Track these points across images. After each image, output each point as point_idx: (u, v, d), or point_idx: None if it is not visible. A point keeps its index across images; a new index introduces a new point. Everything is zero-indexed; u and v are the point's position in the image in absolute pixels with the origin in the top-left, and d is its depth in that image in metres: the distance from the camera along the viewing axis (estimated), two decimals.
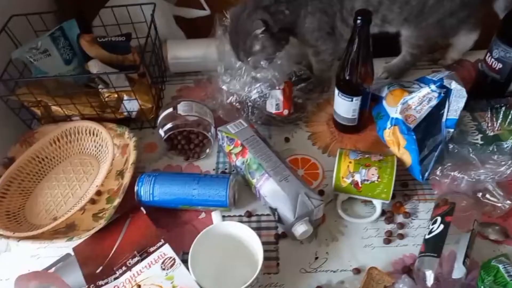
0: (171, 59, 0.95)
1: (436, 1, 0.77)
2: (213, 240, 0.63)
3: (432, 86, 0.70)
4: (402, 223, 0.71)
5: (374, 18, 0.81)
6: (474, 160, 0.65)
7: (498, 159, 0.65)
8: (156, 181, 0.72)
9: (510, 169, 0.64)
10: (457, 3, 0.77)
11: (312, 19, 0.80)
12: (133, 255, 0.63)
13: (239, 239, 0.64)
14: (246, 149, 0.73)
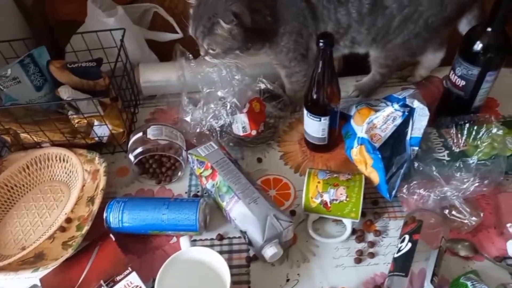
0: (144, 82, 0.95)
1: (400, 23, 0.79)
2: (180, 266, 0.62)
3: (395, 106, 0.71)
4: (372, 242, 0.71)
5: (345, 40, 0.83)
6: (438, 178, 0.66)
7: (461, 176, 0.66)
8: (125, 207, 0.72)
9: (474, 186, 0.65)
10: (420, 25, 0.79)
11: (288, 39, 0.81)
12: (99, 285, 0.61)
13: (207, 264, 0.63)
14: (216, 172, 0.73)
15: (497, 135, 0.70)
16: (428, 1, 0.76)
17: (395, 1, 0.76)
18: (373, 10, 0.77)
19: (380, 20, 0.78)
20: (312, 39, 0.82)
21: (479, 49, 0.71)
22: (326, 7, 0.78)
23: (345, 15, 0.78)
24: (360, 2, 0.76)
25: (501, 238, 0.69)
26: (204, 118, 0.80)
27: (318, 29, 0.81)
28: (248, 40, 0.77)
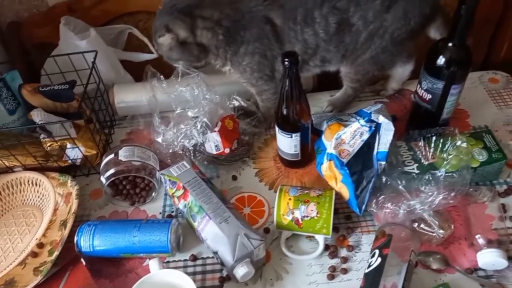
0: (118, 103, 0.95)
1: (367, 39, 0.80)
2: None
3: (361, 121, 0.72)
4: (345, 257, 0.71)
5: (314, 59, 0.84)
6: (404, 192, 0.67)
7: (426, 190, 0.66)
8: (96, 230, 0.71)
9: (439, 199, 0.65)
10: (387, 40, 0.80)
11: (250, 59, 0.82)
12: None
13: (176, 286, 0.63)
14: (188, 192, 0.73)
15: (462, 147, 0.71)
16: (392, 16, 0.78)
17: (360, 18, 0.78)
18: (340, 28, 0.79)
19: (347, 37, 0.80)
20: (277, 60, 0.83)
21: (442, 64, 0.72)
22: (293, 28, 0.79)
23: (313, 35, 0.80)
24: (327, 22, 0.78)
25: (472, 250, 0.69)
26: (176, 139, 0.80)
27: (284, 50, 0.82)
28: (193, 55, 0.80)
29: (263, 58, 0.82)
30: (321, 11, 0.78)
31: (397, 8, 0.78)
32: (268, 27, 0.79)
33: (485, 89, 0.98)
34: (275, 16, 0.79)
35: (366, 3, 0.77)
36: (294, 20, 0.79)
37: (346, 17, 0.78)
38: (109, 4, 1.02)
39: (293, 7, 0.79)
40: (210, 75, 0.93)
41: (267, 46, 0.81)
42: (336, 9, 0.77)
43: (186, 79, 0.86)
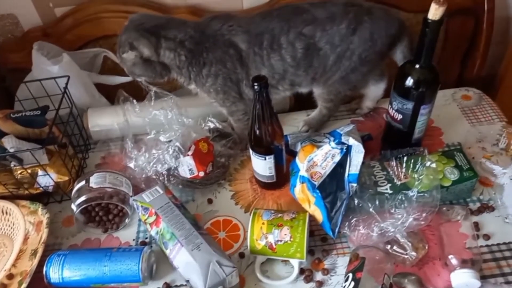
0: (92, 127, 0.95)
1: (335, 61, 0.81)
2: None
3: (332, 144, 0.73)
4: (321, 281, 0.70)
5: (283, 83, 0.85)
6: (375, 215, 0.66)
7: (397, 212, 0.66)
8: (65, 260, 0.70)
9: (409, 220, 0.65)
10: (355, 61, 0.82)
11: (213, 81, 0.83)
12: None
13: None
14: (160, 218, 0.72)
15: (431, 168, 0.72)
16: (358, 38, 0.79)
17: (327, 42, 0.79)
18: (307, 53, 0.80)
19: (315, 61, 0.81)
20: (243, 84, 0.84)
21: (411, 85, 0.73)
22: (258, 53, 0.80)
23: (279, 61, 0.80)
24: (294, 47, 0.79)
25: (446, 270, 0.69)
26: (148, 164, 0.79)
27: (250, 74, 0.83)
28: (155, 72, 0.81)
29: (227, 81, 0.83)
30: (287, 37, 0.79)
31: (363, 30, 0.79)
32: (232, 51, 0.80)
33: (458, 106, 0.99)
34: (240, 40, 0.80)
35: (331, 27, 0.79)
36: (260, 45, 0.80)
37: (313, 42, 0.79)
38: (84, 28, 1.02)
39: (259, 33, 0.80)
40: (184, 97, 0.94)
41: (231, 69, 0.82)
42: (302, 35, 0.79)
43: (159, 102, 0.85)
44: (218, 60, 0.80)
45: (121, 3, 1.03)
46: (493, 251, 0.72)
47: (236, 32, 0.80)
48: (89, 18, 1.02)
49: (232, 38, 0.80)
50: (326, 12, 0.80)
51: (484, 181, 0.82)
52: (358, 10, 0.80)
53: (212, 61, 0.80)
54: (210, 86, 0.83)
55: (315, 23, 0.79)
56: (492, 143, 0.88)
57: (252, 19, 0.82)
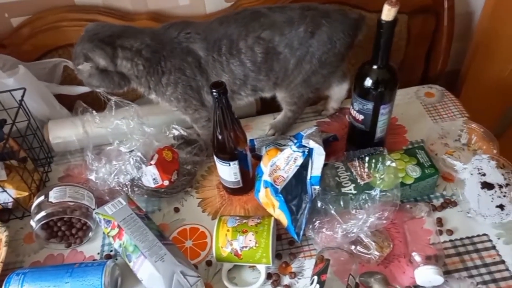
0: (53, 139, 0.92)
1: (296, 65, 0.82)
2: None
3: (293, 147, 0.73)
4: (288, 285, 0.70)
5: (245, 89, 0.85)
6: (337, 216, 0.67)
7: (357, 212, 0.67)
8: (25, 279, 0.67)
9: (371, 220, 0.66)
10: (315, 64, 0.82)
11: (173, 89, 0.82)
12: None
13: None
14: (123, 231, 0.71)
15: (392, 166, 0.72)
16: (317, 42, 0.80)
17: (286, 46, 0.79)
18: (267, 58, 0.79)
19: (276, 65, 0.81)
20: (204, 91, 0.83)
21: (370, 85, 0.74)
22: (217, 60, 0.80)
23: (239, 66, 0.80)
24: (253, 52, 0.79)
25: (411, 267, 0.69)
26: (109, 176, 0.77)
27: (210, 81, 0.82)
28: (114, 82, 0.80)
29: (187, 89, 0.82)
30: (246, 42, 0.79)
31: (321, 33, 0.80)
32: (190, 59, 0.79)
33: (421, 104, 1.01)
34: (198, 48, 0.79)
35: (290, 31, 0.79)
36: (219, 51, 0.79)
37: (272, 46, 0.79)
38: (41, 38, 0.99)
39: (216, 39, 0.79)
40: (146, 106, 0.93)
41: (191, 77, 0.81)
42: (261, 39, 0.78)
43: (121, 112, 0.84)
44: (177, 68, 0.79)
45: (81, 11, 1.00)
46: (457, 246, 0.73)
47: (194, 40, 0.79)
48: (47, 28, 0.99)
49: (190, 46, 0.79)
50: (284, 16, 0.80)
51: (446, 176, 0.83)
52: (315, 13, 0.81)
53: (171, 70, 0.79)
54: (171, 95, 0.82)
55: (274, 27, 0.79)
56: (454, 139, 0.90)
57: (210, 25, 0.81)
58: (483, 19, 1.13)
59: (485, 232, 0.74)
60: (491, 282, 0.68)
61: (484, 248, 0.72)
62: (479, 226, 0.75)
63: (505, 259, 0.70)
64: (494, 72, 1.19)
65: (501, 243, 0.72)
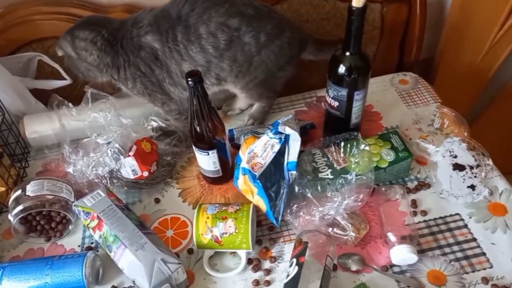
0: (30, 134, 0.91)
1: (260, 62, 0.83)
2: None
3: (269, 134, 0.74)
4: (268, 269, 0.71)
5: (209, 77, 0.84)
6: (313, 200, 0.68)
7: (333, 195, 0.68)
8: (4, 273, 0.67)
9: (346, 202, 0.68)
10: (276, 66, 0.85)
11: (133, 84, 0.83)
12: None
13: None
14: (102, 221, 0.71)
15: (366, 150, 0.74)
16: (280, 43, 0.83)
17: (253, 39, 0.80)
18: (231, 46, 0.80)
19: (240, 56, 0.81)
20: (167, 83, 0.83)
21: (343, 72, 0.75)
22: (174, 48, 0.79)
23: (200, 52, 0.80)
24: (216, 38, 0.79)
25: (387, 248, 0.72)
26: (87, 168, 0.77)
27: (171, 71, 0.82)
28: (86, 70, 0.84)
29: (148, 84, 0.83)
30: (208, 28, 0.78)
31: (283, 38, 0.82)
32: (144, 54, 0.80)
33: (396, 91, 1.04)
34: (151, 40, 0.79)
35: (258, 25, 0.80)
36: (174, 39, 0.79)
37: (237, 36, 0.79)
38: (14, 32, 0.98)
39: (169, 27, 0.79)
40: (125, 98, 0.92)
41: (147, 72, 0.82)
42: (226, 26, 0.78)
43: (98, 105, 0.84)
44: (131, 64, 0.80)
45: (55, 4, 0.99)
46: (430, 226, 0.76)
47: (146, 32, 0.79)
48: (20, 21, 0.97)
49: (142, 40, 0.79)
50: (253, 10, 0.80)
51: (420, 160, 0.86)
52: (281, 18, 0.84)
53: (125, 65, 0.80)
54: (133, 89, 0.83)
55: (242, 16, 0.79)
56: (427, 124, 0.92)
57: (162, 12, 0.80)
58: (454, 8, 1.16)
59: (457, 212, 0.77)
60: (463, 259, 0.70)
61: (456, 227, 0.75)
62: (451, 206, 0.78)
63: (477, 236, 0.73)
64: (466, 59, 1.22)
65: (473, 221, 0.75)
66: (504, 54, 1.18)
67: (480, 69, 1.22)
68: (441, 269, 0.69)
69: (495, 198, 0.78)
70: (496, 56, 1.19)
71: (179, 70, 0.81)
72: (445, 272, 0.69)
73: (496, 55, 1.18)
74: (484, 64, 1.21)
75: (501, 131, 1.34)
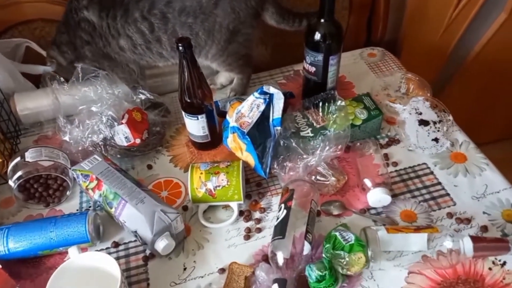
0: (21, 111, 0.94)
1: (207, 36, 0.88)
2: (71, 274, 0.63)
3: (255, 94, 0.80)
4: (259, 219, 0.78)
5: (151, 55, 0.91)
6: (298, 149, 0.75)
7: (315, 144, 0.76)
8: (9, 233, 0.70)
9: (327, 152, 0.75)
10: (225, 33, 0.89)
11: (84, 54, 0.91)
12: None
13: (98, 267, 0.65)
14: (102, 182, 0.75)
15: (342, 106, 0.82)
16: (222, 11, 0.86)
17: (189, 16, 0.85)
18: (167, 28, 0.86)
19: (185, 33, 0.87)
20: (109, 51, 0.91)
21: (319, 38, 0.83)
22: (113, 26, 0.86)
23: (137, 33, 0.87)
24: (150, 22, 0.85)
25: (363, 194, 0.79)
26: (83, 135, 0.81)
27: (110, 42, 0.89)
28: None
29: (94, 51, 0.91)
30: (142, 12, 0.84)
31: (223, 4, 0.86)
32: (84, 24, 0.87)
33: (365, 63, 1.13)
34: (90, 14, 0.86)
35: (192, 1, 0.84)
36: (114, 18, 0.86)
37: (168, 17, 0.85)
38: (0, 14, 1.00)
39: (111, 6, 0.85)
40: None
41: (90, 39, 0.89)
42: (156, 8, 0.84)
43: (88, 80, 0.88)
44: (77, 36, 0.89)
45: None
46: (401, 174, 0.84)
47: (85, 6, 0.85)
48: (6, 4, 1.00)
49: (81, 14, 0.86)
50: None
51: (389, 120, 0.94)
52: None
53: (73, 39, 0.89)
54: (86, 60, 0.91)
55: None
56: (395, 90, 1.02)
57: None
58: None
59: (424, 162, 0.86)
60: (430, 199, 0.79)
61: (423, 174, 0.84)
62: (419, 157, 0.87)
63: (441, 181, 0.82)
64: (427, 38, 1.33)
65: (438, 169, 0.84)
66: (460, 32, 1.29)
67: (440, 45, 1.33)
68: (411, 208, 0.78)
69: (456, 148, 0.88)
70: (453, 34, 1.30)
71: (118, 45, 0.89)
72: (415, 211, 0.77)
73: (453, 32, 1.30)
74: (443, 41, 1.32)
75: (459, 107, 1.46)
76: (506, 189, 0.79)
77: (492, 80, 1.38)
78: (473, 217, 0.75)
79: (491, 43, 1.27)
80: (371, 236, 0.68)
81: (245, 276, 0.68)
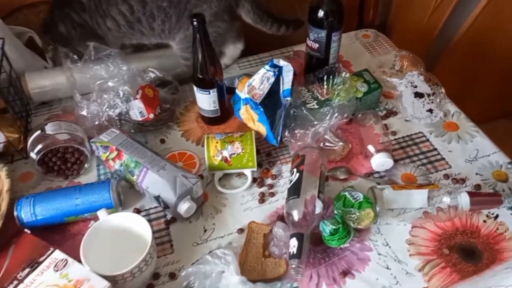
0: (32, 89, 0.96)
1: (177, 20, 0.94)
2: (102, 234, 0.67)
3: (266, 67, 0.85)
4: (271, 184, 0.83)
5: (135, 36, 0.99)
6: (309, 117, 0.81)
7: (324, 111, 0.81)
8: (35, 201, 0.73)
9: (334, 120, 0.81)
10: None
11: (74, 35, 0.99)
12: (22, 268, 0.63)
13: (127, 227, 0.69)
14: (122, 152, 0.79)
15: (346, 78, 0.88)
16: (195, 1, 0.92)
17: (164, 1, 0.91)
18: (145, 11, 0.92)
19: (157, 17, 0.93)
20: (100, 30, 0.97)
21: (322, 16, 0.88)
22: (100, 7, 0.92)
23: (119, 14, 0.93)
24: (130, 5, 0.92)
25: (367, 160, 0.85)
26: (100, 110, 0.84)
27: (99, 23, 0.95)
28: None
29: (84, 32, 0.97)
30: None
31: None
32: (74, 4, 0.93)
33: (360, 43, 1.19)
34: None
35: None
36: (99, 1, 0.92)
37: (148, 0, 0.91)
38: None
39: None
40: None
41: (81, 20, 0.95)
42: None
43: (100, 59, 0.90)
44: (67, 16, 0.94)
45: None
46: (400, 142, 0.91)
47: None
48: None
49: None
50: None
51: (387, 94, 1.01)
52: None
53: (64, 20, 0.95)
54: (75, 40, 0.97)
55: None
56: (390, 67, 1.08)
57: None
58: None
59: (420, 131, 0.93)
60: (428, 163, 0.86)
61: (420, 142, 0.90)
62: (415, 127, 0.93)
63: (437, 147, 0.89)
64: (415, 20, 1.41)
65: (433, 137, 0.91)
66: (446, 14, 1.37)
67: (428, 28, 1.41)
68: (411, 171, 0.84)
69: (448, 118, 0.95)
70: (440, 16, 1.38)
71: (106, 25, 0.94)
72: (414, 174, 0.84)
73: (439, 14, 1.37)
74: (431, 23, 1.40)
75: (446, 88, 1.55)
76: (496, 152, 0.87)
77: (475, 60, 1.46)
78: (467, 178, 0.82)
79: (474, 25, 1.35)
80: (378, 194, 0.74)
81: (264, 234, 0.73)
